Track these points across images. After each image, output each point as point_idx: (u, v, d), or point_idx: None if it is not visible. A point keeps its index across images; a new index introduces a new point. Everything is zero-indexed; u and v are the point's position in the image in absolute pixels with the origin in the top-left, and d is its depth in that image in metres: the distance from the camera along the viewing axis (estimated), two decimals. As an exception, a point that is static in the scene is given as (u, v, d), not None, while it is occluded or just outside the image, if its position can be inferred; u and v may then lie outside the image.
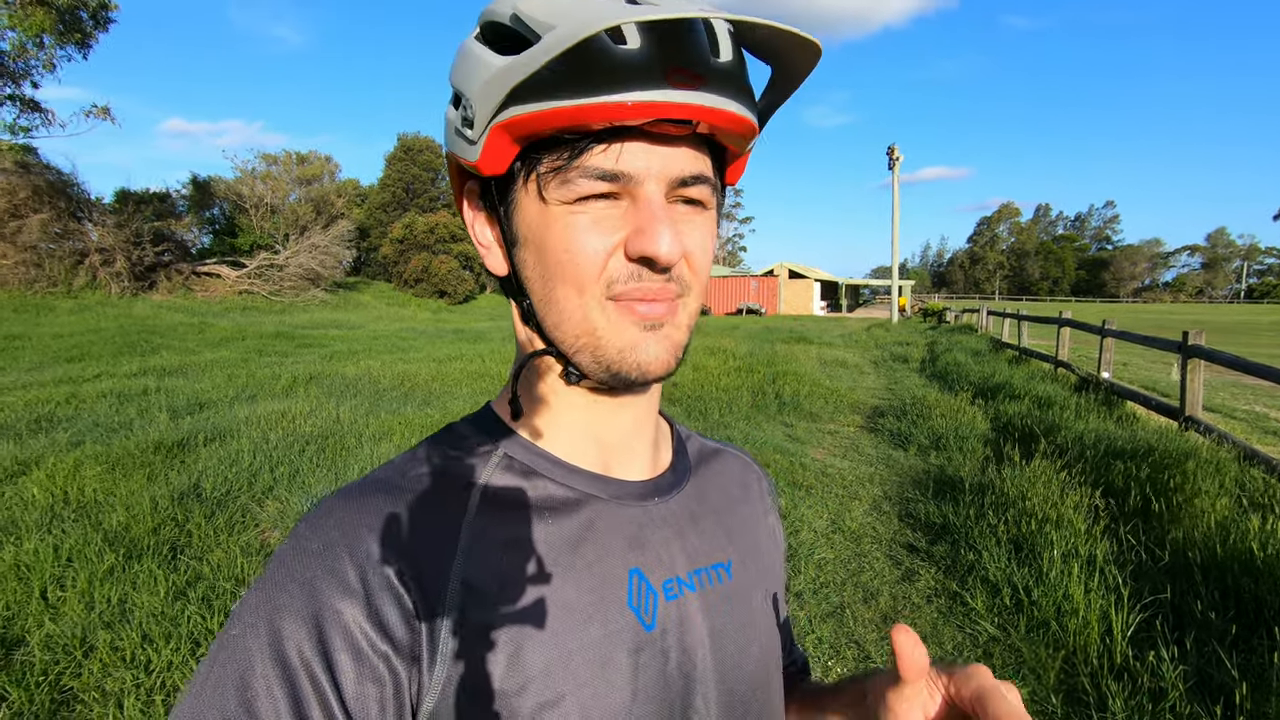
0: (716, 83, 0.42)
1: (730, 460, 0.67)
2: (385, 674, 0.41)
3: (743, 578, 0.57)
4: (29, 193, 21.20)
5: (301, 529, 0.45)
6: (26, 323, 15.98)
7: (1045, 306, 58.46)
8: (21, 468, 4.54)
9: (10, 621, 2.73)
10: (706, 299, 16.13)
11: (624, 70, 0.40)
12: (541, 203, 0.45)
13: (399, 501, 0.46)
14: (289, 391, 7.98)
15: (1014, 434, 6.07)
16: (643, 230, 0.43)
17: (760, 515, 0.66)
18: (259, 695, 0.39)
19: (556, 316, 0.47)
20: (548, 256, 0.46)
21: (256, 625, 0.41)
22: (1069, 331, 9.86)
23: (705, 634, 0.52)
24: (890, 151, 34.33)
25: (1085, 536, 3.58)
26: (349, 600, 0.41)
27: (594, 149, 0.43)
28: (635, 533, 0.51)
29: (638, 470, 0.55)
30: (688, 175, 0.45)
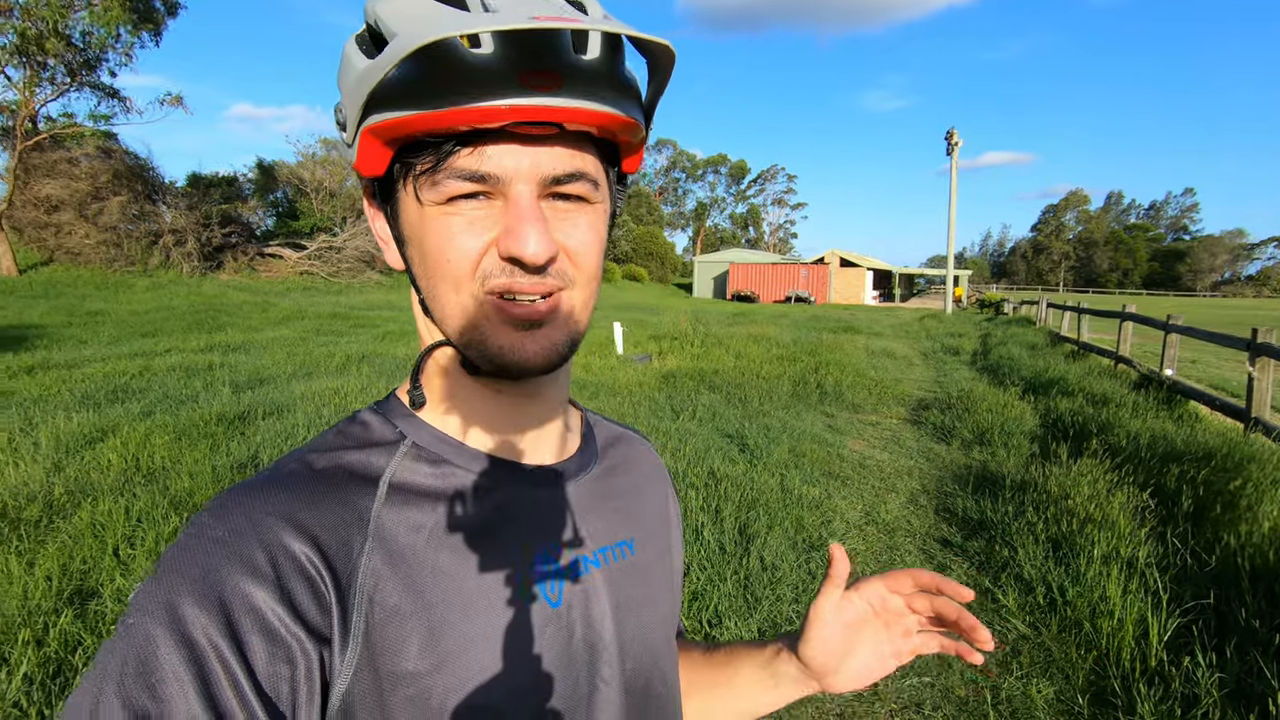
0: (579, 82, 0.42)
1: (636, 445, 0.69)
2: (298, 654, 0.41)
3: (644, 554, 0.60)
4: (110, 176, 22.44)
5: (203, 518, 0.44)
6: (107, 299, 17.00)
7: (1112, 299, 55.74)
8: (100, 434, 4.88)
9: (87, 574, 2.98)
10: (754, 286, 15.88)
11: (478, 75, 0.40)
12: (419, 204, 0.46)
13: (306, 490, 0.46)
14: (343, 369, 8.31)
15: (1064, 431, 5.88)
16: (511, 231, 0.44)
17: (661, 496, 0.69)
18: (165, 680, 0.37)
19: (441, 312, 0.48)
20: (427, 256, 0.47)
21: (156, 611, 0.39)
22: (1132, 326, 9.43)
23: (609, 608, 0.55)
24: (949, 136, 33.14)
25: (1128, 538, 3.47)
26: (259, 583, 0.41)
27: (460, 151, 0.43)
28: (542, 515, 0.53)
29: (545, 455, 0.56)
30: (561, 174, 0.45)
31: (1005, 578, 3.36)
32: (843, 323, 19.33)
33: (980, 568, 3.57)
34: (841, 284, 43.15)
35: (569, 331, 0.49)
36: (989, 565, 3.56)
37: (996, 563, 3.54)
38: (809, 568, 3.48)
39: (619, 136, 0.48)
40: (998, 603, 3.18)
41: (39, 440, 4.68)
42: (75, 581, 2.90)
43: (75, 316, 13.59)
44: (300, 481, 0.47)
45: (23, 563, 2.97)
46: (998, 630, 3.01)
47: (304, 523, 0.44)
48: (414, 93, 0.41)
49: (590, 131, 0.46)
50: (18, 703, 2.15)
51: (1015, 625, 3.00)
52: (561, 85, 0.42)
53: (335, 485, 0.48)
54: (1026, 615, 3.07)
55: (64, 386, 6.66)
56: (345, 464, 0.49)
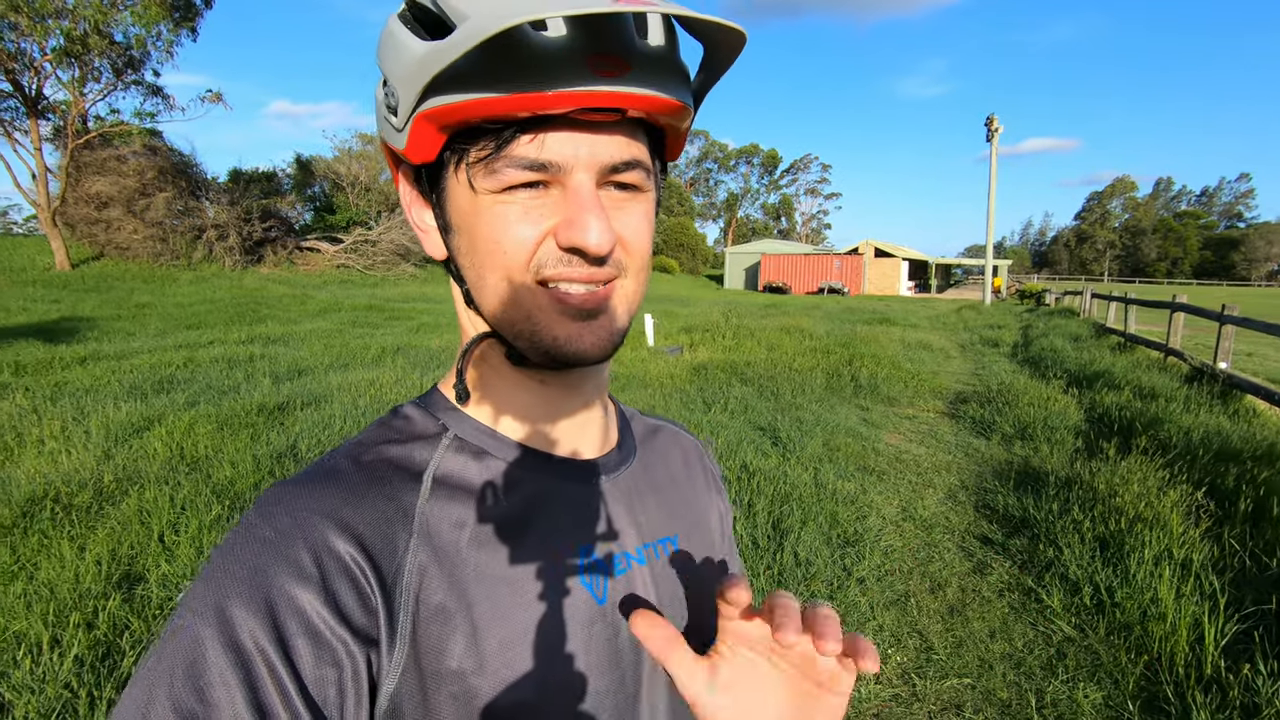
0: (644, 68, 0.41)
1: (674, 437, 0.68)
2: (344, 657, 0.40)
3: (689, 549, 0.59)
4: (156, 173, 23.15)
5: (251, 517, 0.44)
6: (154, 292, 17.57)
7: (1161, 290, 53.85)
8: (146, 424, 5.04)
9: (134, 560, 3.07)
10: (786, 277, 15.78)
11: (545, 60, 0.39)
12: (472, 192, 0.44)
13: (351, 488, 0.46)
14: (378, 361, 8.44)
15: (1110, 426, 5.68)
16: (572, 221, 0.43)
17: (703, 488, 0.66)
18: (213, 684, 0.37)
19: (493, 304, 0.47)
20: (479, 245, 0.46)
21: (205, 613, 0.39)
22: (1183, 317, 9.06)
23: (655, 605, 0.53)
24: (989, 122, 32.27)
25: (1181, 539, 3.33)
26: (304, 585, 0.40)
27: (520, 138, 0.42)
28: (585, 510, 0.52)
29: (586, 449, 0.55)
30: (619, 162, 0.44)
31: (1050, 577, 3.25)
32: (877, 314, 18.99)
33: (1023, 567, 3.46)
34: (876, 275, 42.40)
35: (621, 321, 0.49)
36: (1032, 564, 3.46)
37: (1040, 562, 3.43)
38: (844, 564, 3.42)
39: (671, 124, 0.47)
40: (1042, 603, 3.08)
41: (90, 429, 4.85)
42: (123, 566, 2.99)
43: (124, 309, 14.07)
44: (346, 478, 0.47)
45: (74, 547, 3.07)
46: (1041, 631, 2.92)
47: (349, 521, 0.44)
48: (479, 77, 0.40)
49: (651, 119, 0.45)
50: (69, 684, 2.22)
51: (1060, 627, 2.90)
52: (628, 71, 0.41)
53: (380, 481, 0.47)
54: (1072, 616, 2.97)
55: (113, 377, 6.88)
56: (390, 458, 0.49)
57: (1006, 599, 3.19)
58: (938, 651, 2.80)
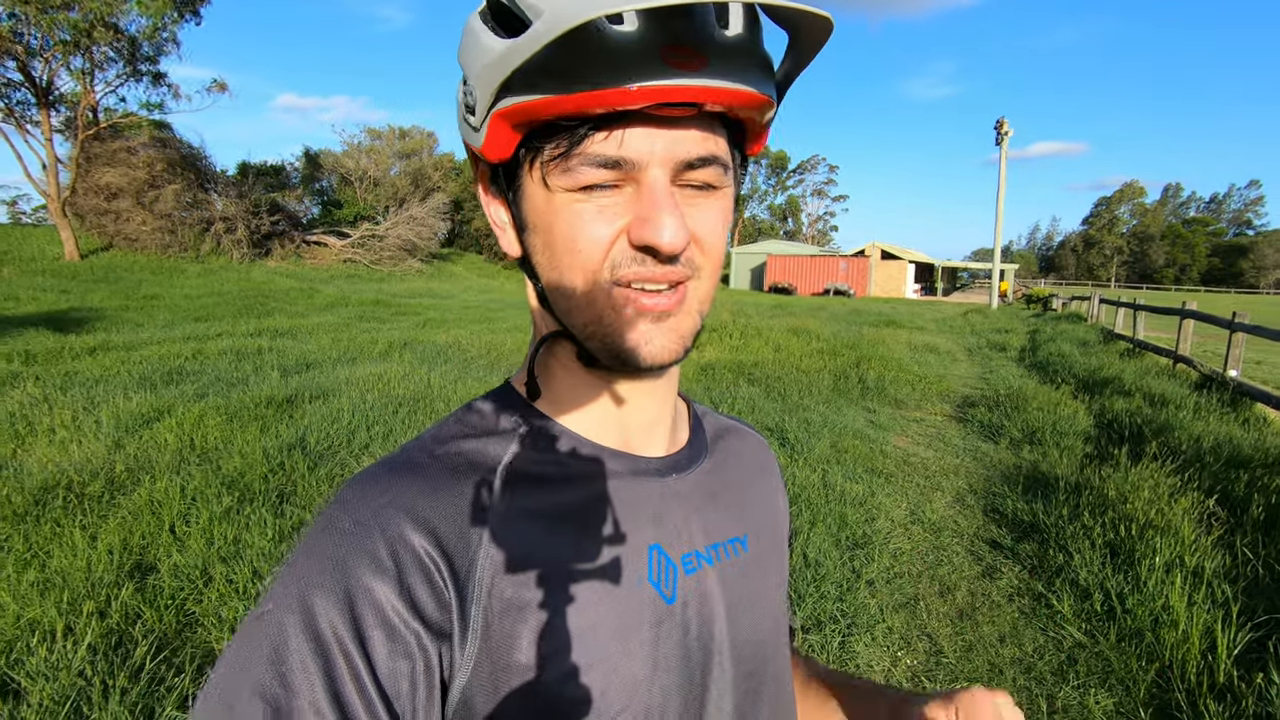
0: (722, 60, 0.40)
1: (745, 437, 0.67)
2: (416, 651, 0.41)
3: (757, 551, 0.58)
4: (165, 165, 23.26)
5: (332, 510, 0.45)
6: (162, 284, 17.64)
7: (1169, 296, 53.56)
8: (156, 414, 5.05)
9: (145, 550, 3.08)
10: (792, 278, 15.76)
11: (620, 55, 0.38)
12: (546, 190, 0.44)
13: (427, 480, 0.46)
14: (385, 356, 8.46)
15: (1120, 432, 5.66)
16: (646, 219, 0.42)
17: (772, 491, 0.66)
18: (294, 670, 0.39)
19: (566, 303, 0.47)
20: (555, 244, 0.45)
21: (289, 602, 0.41)
22: (1192, 324, 9.00)
23: (722, 606, 0.53)
24: (999, 125, 32.13)
25: (1193, 546, 3.31)
26: (381, 578, 0.41)
27: (595, 135, 0.41)
28: (655, 508, 0.52)
29: (656, 447, 0.55)
30: (694, 158, 0.43)
31: (1060, 583, 3.24)
32: (884, 316, 18.95)
33: (1033, 572, 3.45)
34: (882, 277, 42.30)
35: (694, 323, 0.48)
36: (1042, 569, 3.44)
37: (1050, 567, 3.42)
38: (853, 565, 3.41)
39: (752, 117, 0.46)
40: (1052, 608, 3.07)
41: (101, 419, 4.87)
42: (135, 556, 3.00)
43: (132, 300, 14.13)
44: (422, 471, 0.47)
45: (86, 536, 3.09)
46: (1051, 636, 2.90)
47: (425, 515, 0.45)
48: (552, 74, 0.39)
49: (732, 113, 0.44)
50: (83, 671, 2.23)
51: (1071, 632, 2.89)
52: (707, 63, 0.40)
53: (455, 475, 0.48)
54: (1082, 623, 2.95)
55: (123, 367, 6.91)
56: (464, 452, 0.50)
57: (1016, 604, 3.18)
58: (947, 655, 2.79)
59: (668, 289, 0.45)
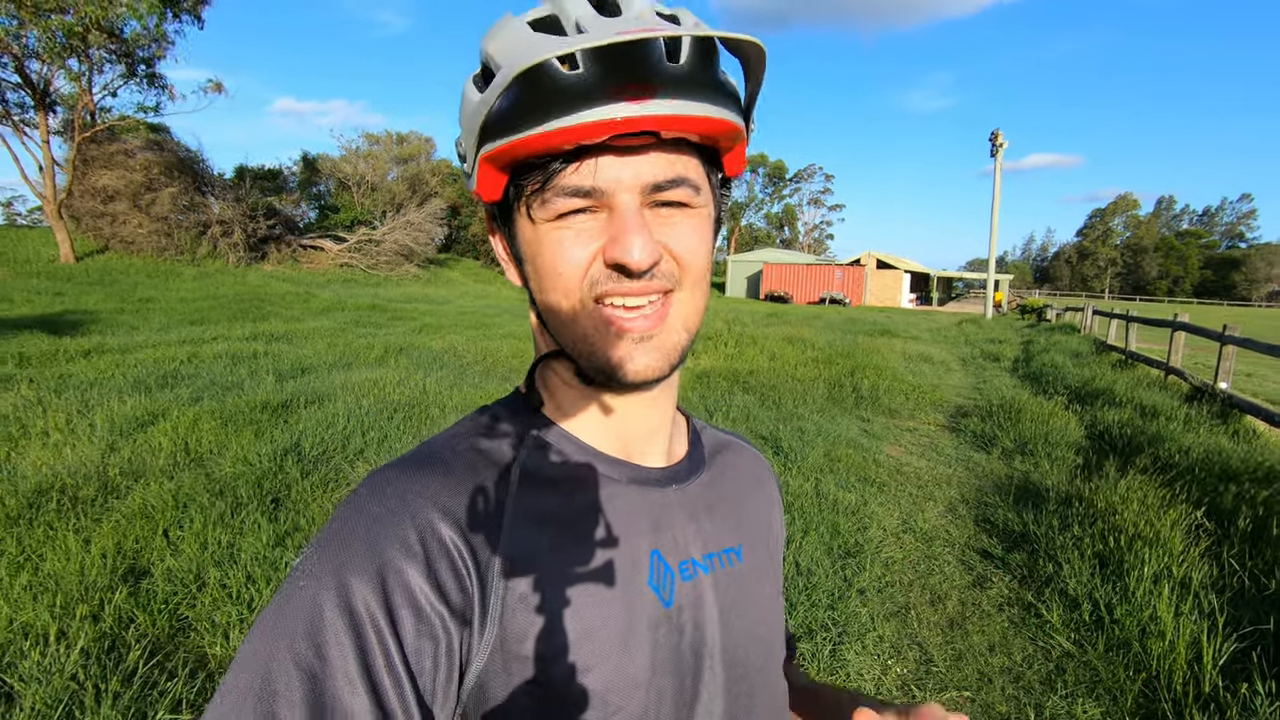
0: (672, 89, 0.43)
1: (742, 452, 0.70)
2: (440, 633, 0.44)
3: (751, 562, 0.61)
4: (162, 168, 23.23)
5: (362, 493, 0.48)
6: (157, 286, 17.59)
7: (1162, 308, 53.89)
8: (151, 418, 5.05)
9: (139, 554, 3.08)
10: (787, 287, 15.77)
11: (572, 94, 0.42)
12: (531, 222, 0.48)
13: (450, 476, 0.50)
14: (381, 361, 8.46)
15: (1111, 444, 5.70)
16: (616, 239, 0.46)
17: (767, 505, 0.69)
18: (329, 643, 0.41)
19: (557, 326, 0.51)
20: (541, 270, 0.49)
21: (323, 578, 0.43)
22: (1184, 336, 9.08)
23: (716, 613, 0.56)
24: (993, 137, 32.39)
25: (1181, 557, 3.35)
26: (411, 561, 0.44)
27: (565, 169, 0.46)
28: (655, 516, 0.55)
29: (656, 458, 0.58)
30: (661, 180, 0.47)
31: (1049, 593, 3.27)
32: (879, 325, 19.01)
33: (1023, 581, 3.48)
34: (877, 286, 42.46)
35: (680, 338, 0.51)
36: (1031, 579, 3.47)
37: (1040, 577, 3.45)
38: (844, 574, 3.43)
39: (718, 140, 0.49)
40: (1041, 618, 3.10)
41: (94, 422, 4.86)
42: (128, 560, 3.01)
43: (127, 303, 14.10)
44: (446, 465, 0.51)
45: (80, 540, 3.09)
46: (1040, 646, 2.93)
47: (450, 507, 0.48)
48: (518, 117, 0.44)
49: (689, 137, 0.47)
50: (75, 675, 2.23)
51: (1060, 642, 2.91)
52: (655, 94, 0.43)
53: (476, 472, 0.51)
54: (1071, 632, 2.98)
55: (118, 371, 6.90)
56: (483, 450, 0.53)
57: (1006, 613, 3.20)
58: (937, 664, 2.81)
59: (648, 309, 0.49)
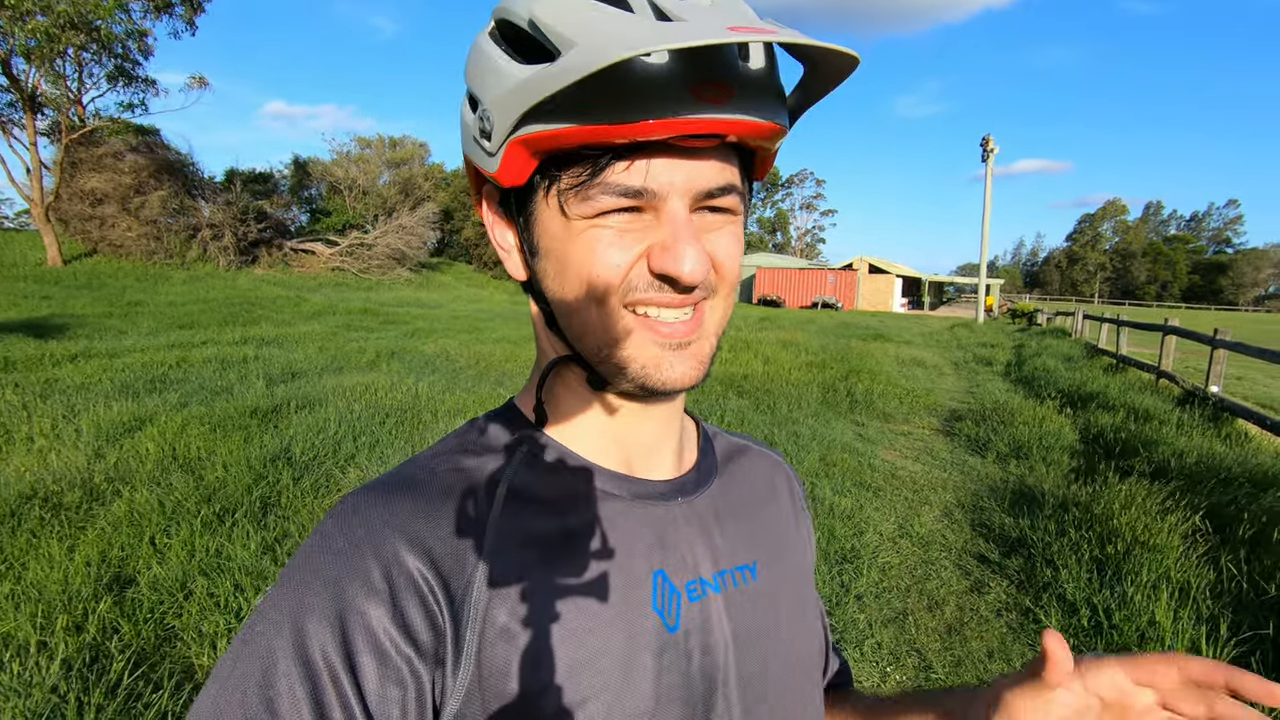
0: (746, 92, 0.41)
1: (758, 459, 0.65)
2: (408, 677, 0.40)
3: (769, 579, 0.56)
4: (151, 171, 23.06)
5: (327, 526, 0.44)
6: (146, 290, 17.44)
7: (1151, 312, 54.30)
8: (138, 423, 4.98)
9: (124, 562, 3.02)
10: (780, 291, 15.93)
11: (649, 88, 0.38)
12: (563, 217, 0.44)
13: (425, 500, 0.46)
14: (373, 365, 8.39)
15: (1105, 447, 5.71)
16: (667, 249, 0.42)
17: (788, 515, 0.64)
18: (281, 695, 0.38)
19: (579, 329, 0.47)
20: (569, 270, 0.45)
21: (280, 624, 0.40)
22: (1175, 340, 9.13)
23: (729, 636, 0.51)
24: (985, 143, 32.63)
25: (1179, 562, 3.34)
26: (373, 601, 0.41)
27: (616, 165, 0.41)
28: (659, 533, 0.51)
29: (662, 470, 0.54)
30: (714, 187, 0.43)
31: (1047, 598, 3.25)
32: (871, 330, 19.07)
33: (1020, 586, 3.46)
34: (869, 290, 42.62)
35: (711, 345, 0.48)
36: (1029, 584, 3.45)
37: (1038, 582, 3.43)
38: (842, 580, 3.41)
39: (764, 146, 0.46)
40: (1039, 623, 3.08)
41: (80, 427, 4.79)
42: (114, 569, 2.94)
43: (116, 307, 13.95)
44: (420, 489, 0.47)
45: (64, 548, 3.02)
46: (1038, 651, 2.90)
47: (420, 535, 0.44)
48: (578, 104, 0.39)
49: (748, 143, 0.45)
50: (56, 687, 2.17)
51: (1058, 648, 2.89)
52: (732, 97, 0.40)
53: (453, 494, 0.47)
54: (1070, 638, 2.96)
55: (105, 375, 6.81)
56: (464, 470, 0.49)
57: (1004, 618, 3.18)
58: (936, 670, 2.78)
59: (684, 316, 0.45)
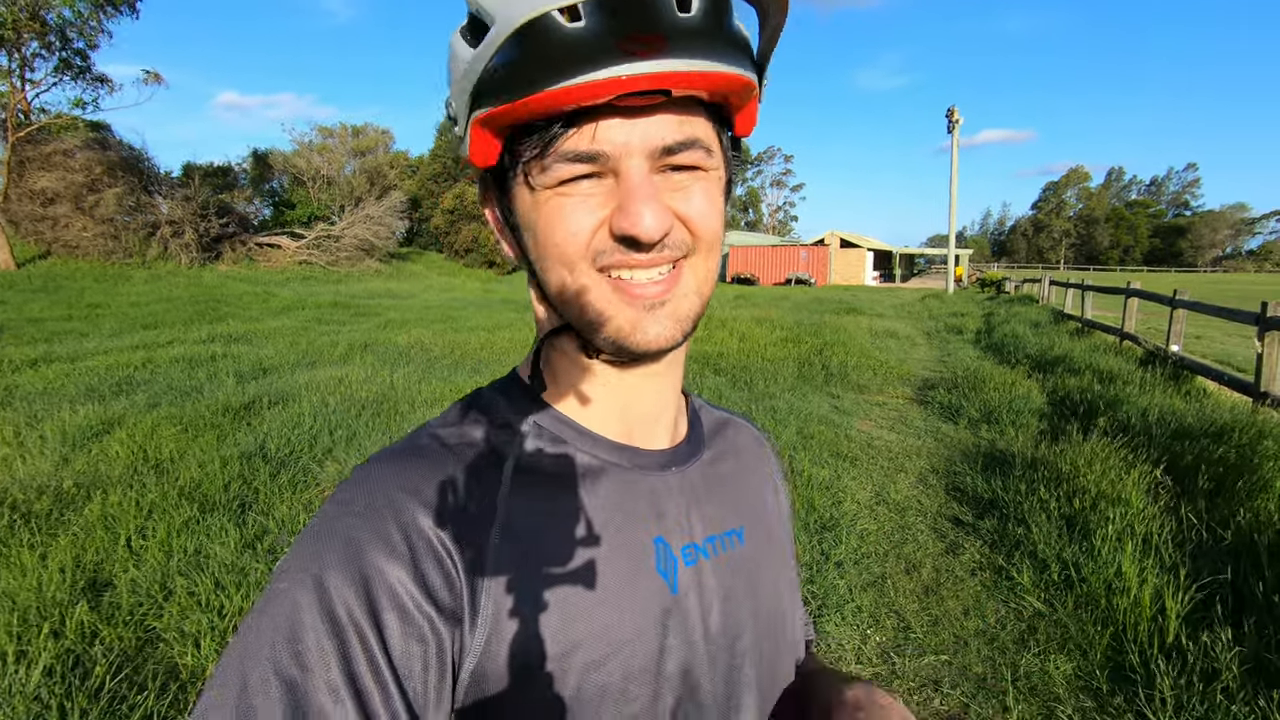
0: (684, 42, 0.39)
1: (742, 430, 0.68)
2: (429, 634, 0.42)
3: (753, 543, 0.59)
4: (105, 168, 22.27)
5: (345, 490, 0.45)
6: (106, 291, 16.93)
7: (1114, 276, 55.57)
8: (106, 427, 4.87)
9: (100, 566, 2.97)
10: (754, 269, 15.96)
11: (577, 49, 0.38)
12: (530, 190, 0.45)
13: (439, 468, 0.47)
14: (346, 358, 8.28)
15: (1072, 409, 5.86)
16: (623, 209, 0.43)
17: (769, 485, 0.68)
18: (309, 649, 0.39)
19: (560, 296, 0.47)
20: (539, 240, 0.46)
21: (304, 580, 0.41)
22: (1136, 303, 9.38)
23: (718, 598, 0.54)
24: (950, 114, 32.85)
25: (1142, 515, 3.46)
26: (394, 561, 0.42)
27: (567, 132, 0.42)
28: (658, 501, 0.53)
29: (659, 440, 0.56)
30: (672, 143, 0.43)
31: (1019, 555, 3.36)
32: (844, 304, 19.26)
33: (993, 546, 3.57)
34: (842, 265, 42.95)
35: (693, 303, 0.48)
36: (1002, 543, 3.56)
37: (1010, 541, 3.54)
38: (822, 548, 3.48)
39: (730, 98, 0.45)
40: (1012, 580, 3.18)
41: (45, 434, 4.67)
42: (89, 573, 2.90)
43: (75, 309, 13.54)
44: (433, 457, 0.48)
45: (35, 556, 2.96)
46: (1012, 607, 3.01)
47: (436, 501, 0.45)
48: (517, 77, 0.40)
49: (700, 95, 0.44)
50: (39, 695, 2.14)
51: (1031, 602, 2.99)
52: (666, 47, 0.39)
53: (465, 463, 0.48)
54: (1041, 592, 3.06)
55: (67, 380, 6.63)
56: (473, 441, 0.50)
57: (979, 577, 3.28)
58: (915, 630, 2.87)
59: (659, 275, 0.46)
